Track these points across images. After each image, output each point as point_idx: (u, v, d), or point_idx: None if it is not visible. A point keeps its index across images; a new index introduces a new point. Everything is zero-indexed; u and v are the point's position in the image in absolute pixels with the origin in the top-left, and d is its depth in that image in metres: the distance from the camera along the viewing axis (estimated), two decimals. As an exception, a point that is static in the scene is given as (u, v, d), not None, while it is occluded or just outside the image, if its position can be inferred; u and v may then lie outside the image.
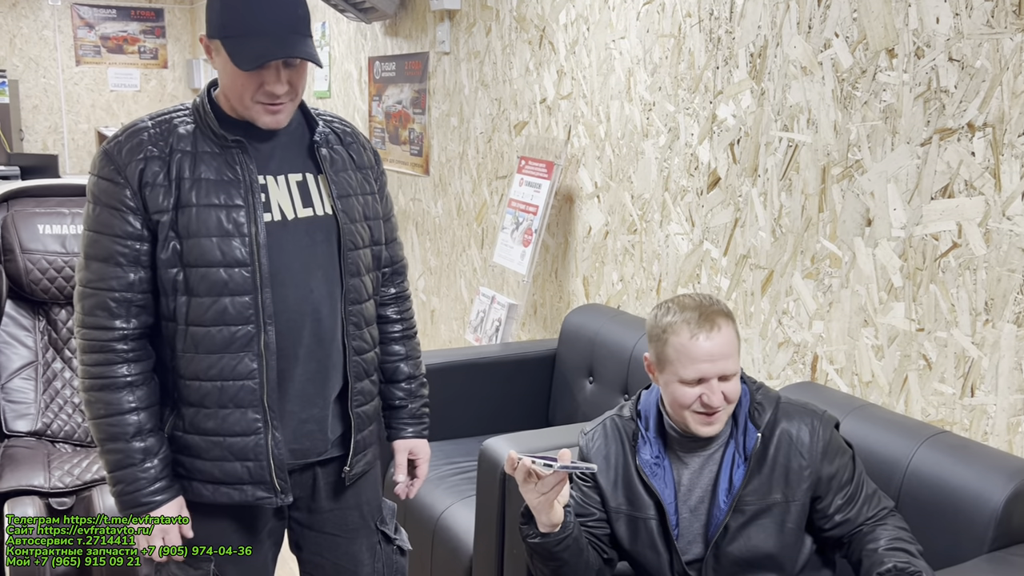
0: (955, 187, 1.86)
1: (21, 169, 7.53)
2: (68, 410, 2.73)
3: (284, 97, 1.49)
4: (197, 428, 1.55)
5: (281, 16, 1.45)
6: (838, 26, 2.11)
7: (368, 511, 1.76)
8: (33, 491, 2.33)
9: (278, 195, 1.56)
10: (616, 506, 1.68)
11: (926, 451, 1.73)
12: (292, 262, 1.55)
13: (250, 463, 1.56)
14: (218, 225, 1.48)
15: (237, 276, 1.49)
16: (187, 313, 1.50)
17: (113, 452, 1.51)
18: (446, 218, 4.27)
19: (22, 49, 9.41)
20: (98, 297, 1.48)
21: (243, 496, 1.58)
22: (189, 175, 1.49)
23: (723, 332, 1.58)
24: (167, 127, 1.52)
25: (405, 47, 4.57)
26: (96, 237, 1.49)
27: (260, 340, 1.52)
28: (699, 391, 1.58)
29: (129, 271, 1.48)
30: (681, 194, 2.65)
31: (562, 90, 3.22)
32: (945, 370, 1.91)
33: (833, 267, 2.16)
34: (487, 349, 3.02)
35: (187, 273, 1.49)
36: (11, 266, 2.72)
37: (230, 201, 1.50)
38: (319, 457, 1.66)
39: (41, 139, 9.64)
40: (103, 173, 1.49)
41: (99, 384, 1.50)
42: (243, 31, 1.45)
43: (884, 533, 1.59)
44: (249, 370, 1.52)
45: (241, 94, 1.48)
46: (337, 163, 1.63)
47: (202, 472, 1.57)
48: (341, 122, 1.71)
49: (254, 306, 1.50)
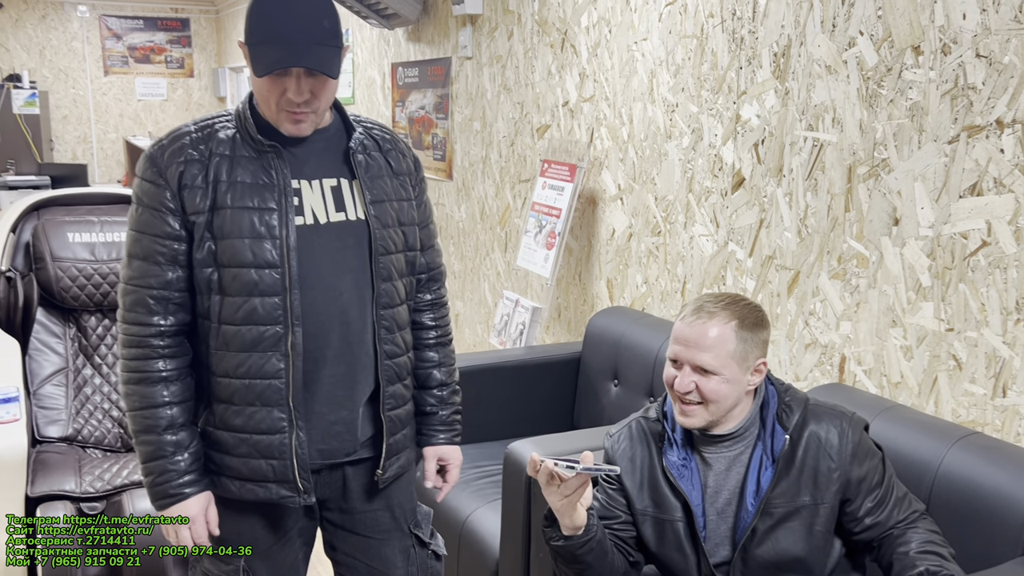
0: (984, 185, 1.84)
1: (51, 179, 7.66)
2: (98, 416, 2.77)
3: (305, 107, 1.51)
4: (226, 424, 1.58)
5: (305, 26, 1.47)
6: (863, 24, 2.09)
7: (401, 514, 1.77)
8: (64, 496, 2.36)
9: (311, 199, 1.58)
10: (642, 508, 1.67)
11: (957, 453, 1.71)
12: (322, 265, 1.57)
13: (274, 461, 1.58)
14: (251, 227, 1.52)
15: (267, 277, 1.52)
16: (220, 312, 1.54)
17: (146, 444, 1.55)
18: (469, 222, 4.28)
19: (52, 60, 9.56)
20: (138, 294, 1.53)
21: (267, 494, 1.60)
22: (226, 178, 1.53)
23: (711, 325, 1.57)
24: (209, 132, 1.56)
25: (428, 52, 4.59)
26: (138, 236, 1.54)
27: (287, 340, 1.54)
28: (675, 373, 1.60)
29: (167, 270, 1.53)
30: (705, 195, 2.64)
31: (584, 93, 3.22)
32: (976, 370, 1.89)
33: (860, 267, 2.14)
34: (511, 353, 3.02)
35: (221, 273, 1.53)
36: (42, 274, 2.76)
37: (264, 204, 1.53)
38: (347, 457, 1.67)
39: (71, 149, 9.78)
40: (146, 175, 1.54)
41: (136, 377, 1.55)
42: (265, 38, 1.47)
43: (915, 536, 1.57)
44: (276, 369, 1.55)
45: (266, 100, 1.52)
46: (372, 169, 1.64)
47: (230, 468, 1.60)
48: (381, 128, 1.72)
49: (283, 307, 1.53)
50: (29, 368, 2.73)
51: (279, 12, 1.47)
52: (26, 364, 2.72)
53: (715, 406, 1.58)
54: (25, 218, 2.88)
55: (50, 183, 7.55)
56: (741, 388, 1.59)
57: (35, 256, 2.78)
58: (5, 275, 2.74)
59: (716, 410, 1.59)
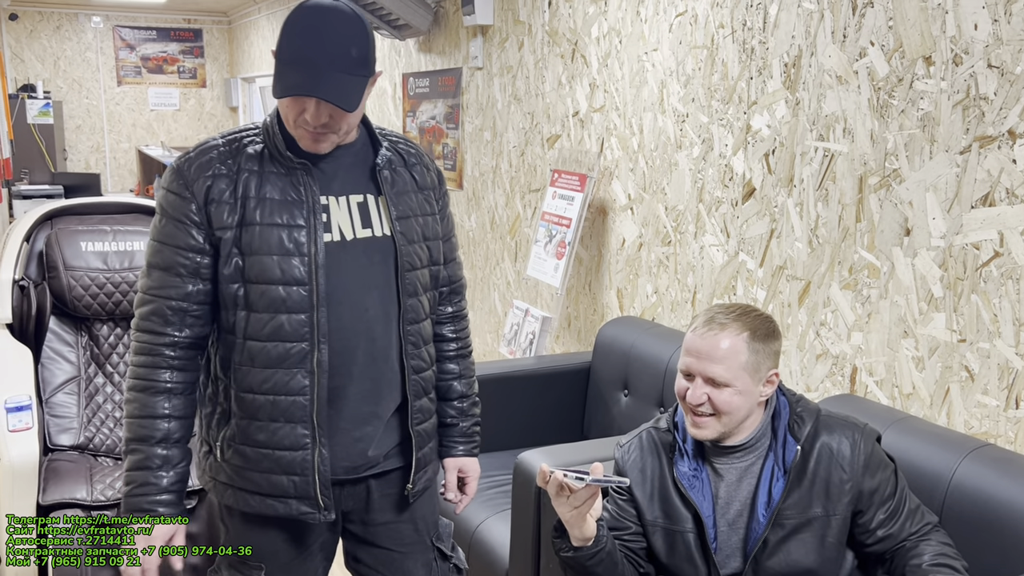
0: (996, 195, 1.83)
1: (65, 188, 7.72)
2: (110, 424, 2.78)
3: (323, 128, 1.50)
4: (249, 440, 1.57)
5: (332, 52, 1.44)
6: (873, 34, 2.09)
7: (424, 527, 1.76)
8: (76, 504, 2.37)
9: (338, 216, 1.57)
10: (652, 519, 1.67)
11: (969, 464, 1.70)
12: (349, 282, 1.57)
13: (296, 477, 1.57)
14: (279, 244, 1.51)
15: (295, 294, 1.52)
16: (245, 327, 1.53)
17: (136, 452, 1.54)
18: (480, 232, 4.28)
19: (66, 71, 9.64)
20: (156, 304, 1.53)
21: (287, 509, 1.59)
22: (255, 194, 1.52)
23: (722, 336, 1.57)
24: (237, 146, 1.55)
25: (439, 63, 4.61)
26: (159, 247, 1.54)
27: (313, 357, 1.53)
28: (687, 385, 1.60)
29: (187, 282, 1.53)
30: (716, 205, 2.64)
31: (595, 103, 3.23)
32: (988, 381, 1.87)
33: (871, 277, 2.13)
34: (521, 362, 3.01)
35: (247, 289, 1.52)
36: (55, 283, 2.78)
37: (292, 221, 1.52)
38: (371, 471, 1.66)
39: (84, 158, 9.85)
40: (172, 187, 1.54)
41: (141, 385, 1.54)
42: (290, 59, 1.46)
43: (928, 549, 1.56)
44: (301, 386, 1.54)
45: (287, 116, 1.51)
46: (398, 185, 1.64)
47: (252, 483, 1.59)
48: (406, 143, 1.72)
49: (309, 324, 1.53)
50: (41, 376, 2.74)
51: (309, 36, 1.46)
52: (38, 372, 2.73)
53: (727, 418, 1.58)
54: (39, 227, 2.90)
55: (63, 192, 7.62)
56: (753, 399, 1.59)
57: (48, 265, 2.79)
58: (18, 284, 2.76)
59: (728, 422, 1.58)
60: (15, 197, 7.64)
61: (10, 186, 7.55)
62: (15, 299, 2.74)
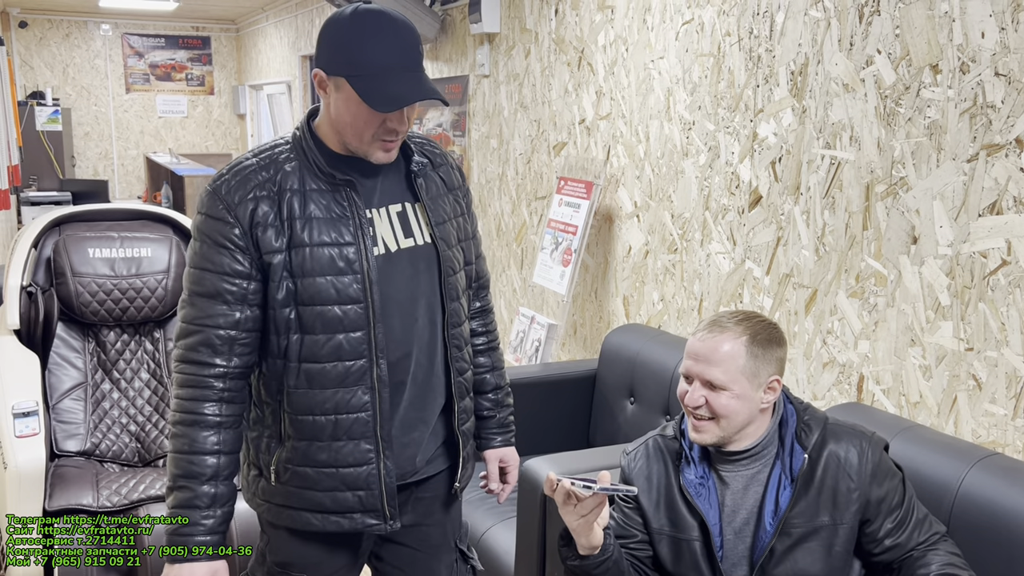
0: (1003, 203, 1.83)
1: (73, 194, 7.75)
2: (116, 430, 2.78)
3: (402, 134, 1.50)
4: (310, 460, 1.54)
5: (407, 56, 1.44)
6: (880, 43, 2.09)
7: (451, 528, 1.77)
8: (82, 510, 2.37)
9: (382, 228, 1.56)
10: (659, 527, 1.66)
11: (977, 473, 1.69)
12: (399, 294, 1.56)
13: (362, 492, 1.56)
14: (331, 263, 1.49)
15: (351, 313, 1.50)
16: (300, 350, 1.50)
17: (183, 490, 1.48)
18: (486, 239, 4.29)
19: (74, 78, 9.69)
20: (204, 334, 1.48)
21: (352, 524, 1.58)
22: (300, 214, 1.48)
23: (721, 340, 1.57)
24: (274, 165, 1.51)
25: (445, 70, 4.62)
26: (202, 275, 1.48)
27: (373, 373, 1.52)
28: (687, 388, 1.60)
29: (236, 309, 1.48)
30: (722, 213, 2.64)
31: (601, 111, 3.23)
32: (996, 390, 1.87)
33: (878, 286, 2.12)
34: (527, 369, 3.01)
35: (300, 312, 1.49)
36: (62, 289, 2.79)
37: (341, 239, 1.50)
38: (415, 477, 1.66)
39: (92, 165, 9.90)
40: (212, 211, 1.48)
41: (189, 419, 1.48)
42: (375, 71, 1.42)
43: (936, 558, 1.55)
44: (363, 403, 1.53)
45: (362, 132, 1.47)
46: (432, 190, 1.63)
47: (313, 502, 1.57)
48: (431, 144, 1.71)
49: (367, 341, 1.51)
50: (48, 382, 2.75)
51: (387, 43, 1.42)
52: (46, 378, 2.74)
53: (726, 422, 1.57)
54: (46, 233, 2.91)
55: (71, 199, 7.64)
56: (753, 405, 1.58)
57: (56, 271, 2.81)
58: (26, 290, 2.77)
59: (727, 426, 1.58)
60: (24, 203, 7.67)
61: (19, 192, 7.59)
62: (23, 305, 2.75)
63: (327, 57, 1.47)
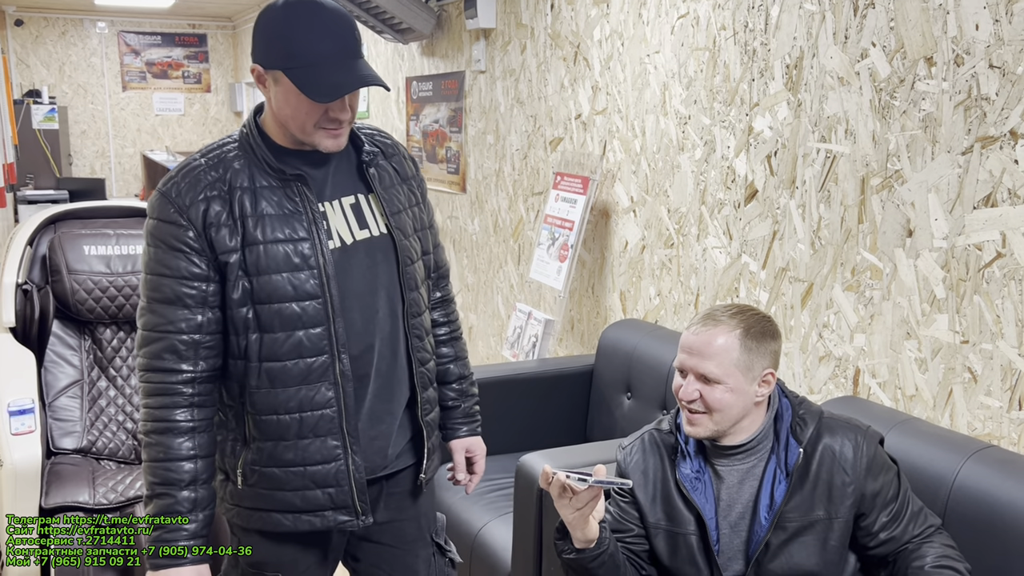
0: (998, 196, 1.83)
1: (70, 193, 7.73)
2: (112, 428, 2.78)
3: (346, 121, 1.49)
4: (277, 461, 1.54)
5: (343, 44, 1.43)
6: (875, 35, 2.08)
7: (425, 523, 1.76)
8: (78, 507, 2.37)
9: (336, 221, 1.55)
10: (655, 521, 1.66)
11: (973, 466, 1.69)
12: (358, 286, 1.55)
13: (332, 489, 1.55)
14: (286, 260, 1.47)
15: (310, 309, 1.49)
16: (260, 350, 1.49)
17: (162, 497, 1.47)
18: (483, 235, 4.28)
19: (71, 76, 9.67)
20: (166, 340, 1.46)
21: (325, 522, 1.57)
22: (252, 211, 1.47)
23: (715, 333, 1.57)
24: (223, 164, 1.49)
25: (442, 67, 4.61)
26: (159, 280, 1.46)
27: (335, 368, 1.51)
28: (681, 382, 1.60)
29: (197, 313, 1.46)
30: (718, 207, 2.63)
31: (597, 105, 3.23)
32: (991, 383, 1.87)
33: (874, 279, 2.12)
34: (524, 365, 3.01)
35: (258, 311, 1.48)
36: (58, 287, 2.78)
37: (295, 235, 1.48)
38: (384, 472, 1.65)
39: (89, 163, 9.88)
40: (163, 216, 1.46)
41: (161, 427, 1.47)
42: (310, 61, 1.41)
43: (931, 551, 1.55)
44: (327, 399, 1.52)
45: (304, 123, 1.46)
46: (385, 180, 1.62)
47: (283, 502, 1.56)
48: (381, 135, 1.70)
49: (327, 336, 1.50)
50: (45, 380, 2.75)
51: (320, 32, 1.41)
52: (42, 376, 2.74)
53: (720, 415, 1.57)
54: (42, 231, 2.91)
55: (68, 197, 7.63)
56: (747, 399, 1.58)
57: (51, 269, 2.80)
58: (22, 288, 2.77)
59: (721, 420, 1.58)
60: (20, 202, 7.66)
61: (15, 191, 7.57)
62: (18, 303, 2.74)
63: (263, 51, 1.46)
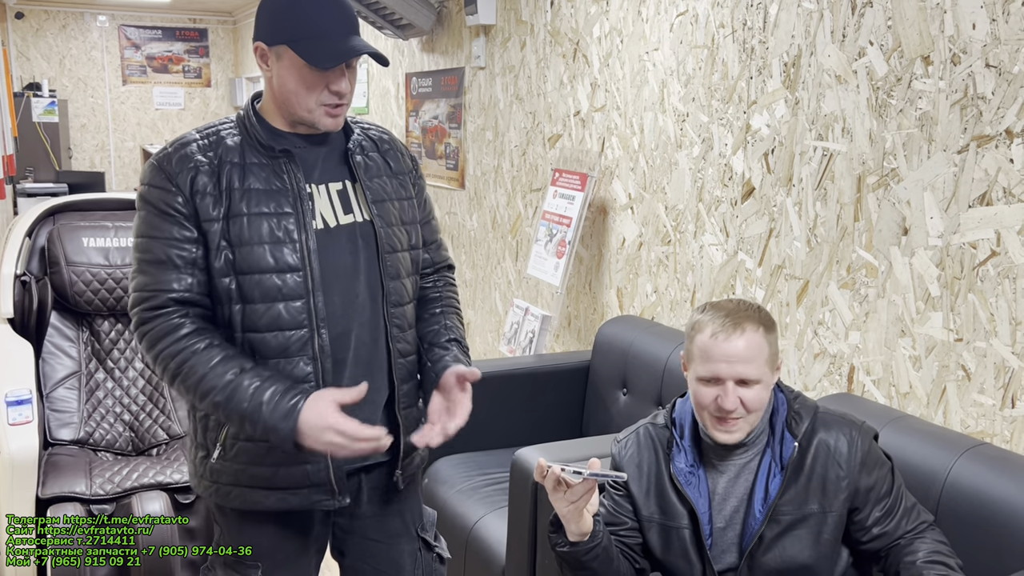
0: (993, 195, 1.83)
1: (69, 186, 7.73)
2: (110, 419, 2.79)
3: (345, 98, 1.54)
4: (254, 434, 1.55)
5: (343, 19, 1.51)
6: (872, 34, 2.09)
7: (410, 517, 1.77)
8: (74, 497, 2.38)
9: (321, 204, 1.58)
10: (648, 515, 1.67)
11: (965, 463, 1.70)
12: (339, 268, 1.57)
13: (309, 466, 1.57)
14: (269, 233, 1.51)
15: (290, 281, 1.51)
16: (241, 320, 1.52)
17: (231, 400, 1.45)
18: (481, 231, 4.29)
19: (71, 70, 9.66)
20: (157, 297, 1.49)
21: (301, 501, 1.58)
22: (239, 185, 1.51)
23: (747, 336, 1.56)
24: (215, 139, 1.55)
25: (441, 63, 4.61)
26: (150, 243, 1.50)
27: (314, 343, 1.53)
28: (715, 392, 1.57)
29: (187, 274, 1.50)
30: (715, 204, 2.64)
31: (596, 102, 3.23)
32: (985, 380, 1.88)
33: (869, 277, 2.13)
34: (521, 361, 3.02)
35: (240, 281, 1.51)
36: (56, 278, 2.79)
37: (280, 209, 1.52)
38: (364, 463, 1.66)
39: (88, 157, 9.88)
40: (154, 182, 1.51)
41: (181, 358, 1.47)
42: (314, 34, 1.48)
43: (923, 546, 1.56)
44: (304, 374, 1.54)
45: (305, 97, 1.52)
46: (371, 169, 1.65)
47: (260, 478, 1.57)
48: (378, 129, 1.73)
49: (307, 310, 1.52)
50: (42, 371, 2.75)
51: (321, 6, 1.49)
52: (39, 367, 2.75)
53: (755, 415, 1.59)
54: (41, 223, 2.91)
55: (67, 190, 7.62)
56: (770, 390, 1.62)
57: (50, 260, 2.81)
58: (20, 279, 2.78)
59: (754, 419, 1.60)
60: (20, 195, 7.66)
61: (14, 183, 7.57)
62: (16, 294, 2.75)
63: (268, 28, 1.52)
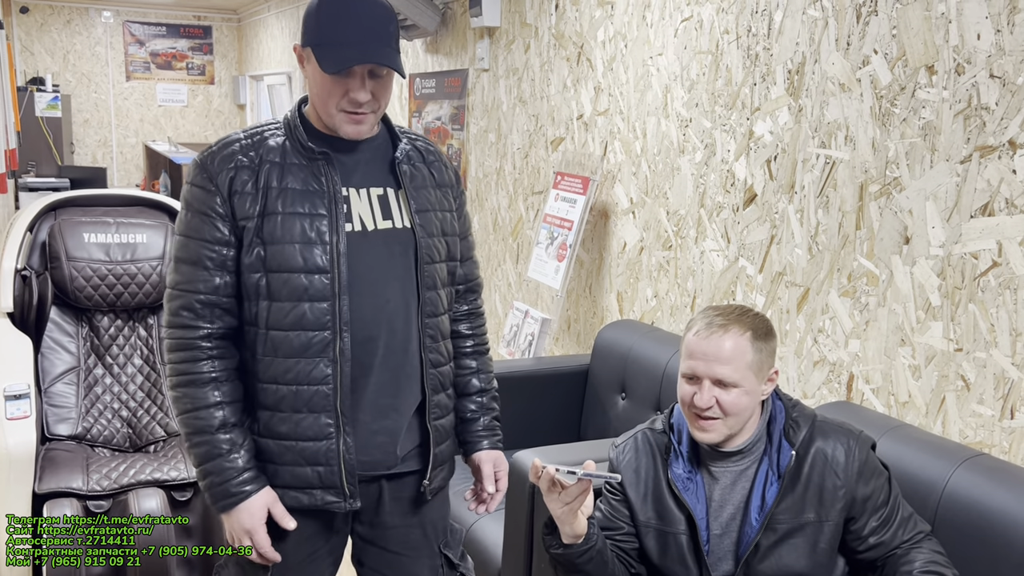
0: (995, 205, 1.83)
1: (71, 181, 7.73)
2: (108, 415, 2.79)
3: (366, 107, 1.54)
4: (272, 432, 1.57)
5: (372, 28, 1.51)
6: (877, 43, 2.09)
7: (432, 531, 1.74)
8: (71, 493, 2.38)
9: (359, 207, 1.59)
10: (645, 520, 1.67)
11: (963, 473, 1.70)
12: (370, 272, 1.58)
13: (321, 468, 1.57)
14: (301, 233, 1.52)
15: (317, 282, 1.52)
16: (267, 317, 1.54)
17: (200, 444, 1.54)
18: (482, 233, 4.29)
19: (75, 65, 9.67)
20: (185, 299, 1.53)
21: (312, 500, 1.59)
22: (276, 184, 1.53)
23: (730, 338, 1.57)
24: (259, 139, 1.57)
25: (445, 64, 4.62)
26: (186, 241, 1.54)
27: (336, 346, 1.54)
28: (693, 389, 1.59)
29: (215, 275, 1.53)
30: (717, 210, 2.64)
31: (599, 106, 3.23)
32: (984, 391, 1.87)
33: (870, 285, 2.13)
34: (520, 363, 3.02)
35: (269, 279, 1.53)
36: (56, 273, 2.79)
37: (314, 210, 1.54)
38: (387, 471, 1.65)
39: (91, 152, 9.88)
40: (196, 181, 1.55)
41: (185, 380, 1.54)
42: (335, 40, 1.50)
43: (919, 556, 1.56)
44: (324, 375, 1.54)
45: (326, 101, 1.53)
46: (417, 179, 1.66)
47: (274, 476, 1.59)
48: (425, 141, 1.74)
49: (331, 312, 1.53)
50: (41, 366, 2.75)
51: (346, 15, 1.50)
52: (38, 362, 2.75)
53: (734, 419, 1.58)
54: (42, 217, 2.91)
55: (69, 185, 7.62)
56: (757, 399, 1.60)
57: (50, 255, 2.81)
58: (21, 273, 2.77)
59: (734, 423, 1.59)
60: (21, 189, 7.65)
61: (17, 177, 7.57)
62: (17, 288, 2.75)
63: (303, 30, 1.56)
